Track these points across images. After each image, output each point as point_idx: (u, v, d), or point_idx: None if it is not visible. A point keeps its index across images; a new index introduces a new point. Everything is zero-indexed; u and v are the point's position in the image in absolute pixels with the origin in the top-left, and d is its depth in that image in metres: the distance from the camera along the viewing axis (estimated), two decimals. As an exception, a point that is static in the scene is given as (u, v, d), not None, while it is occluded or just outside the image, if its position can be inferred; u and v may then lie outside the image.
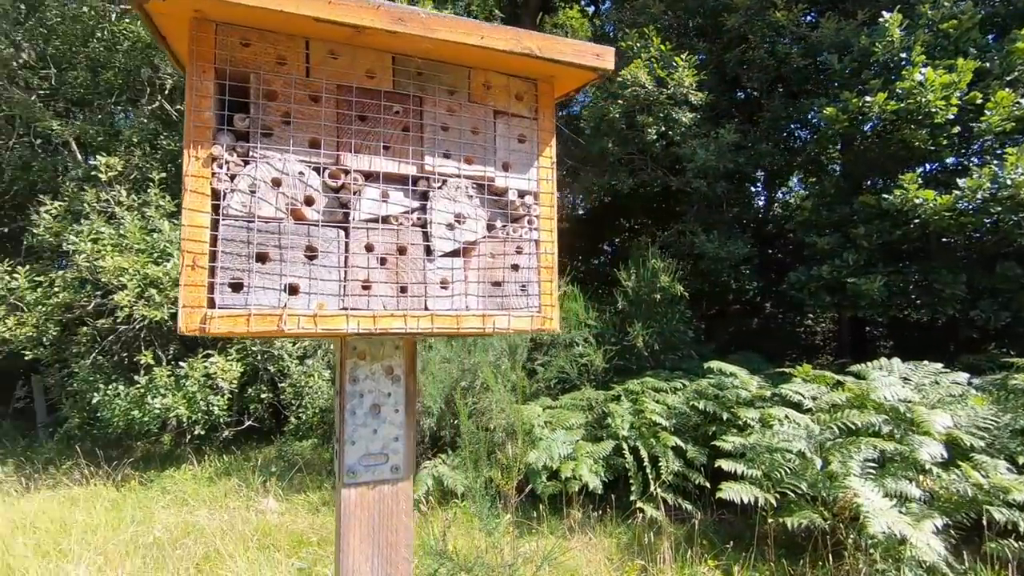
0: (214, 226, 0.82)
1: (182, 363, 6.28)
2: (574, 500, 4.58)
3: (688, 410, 4.91)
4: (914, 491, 3.44)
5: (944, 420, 3.68)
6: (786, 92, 7.71)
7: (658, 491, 4.41)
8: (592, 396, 5.52)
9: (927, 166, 6.70)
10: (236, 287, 0.82)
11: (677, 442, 4.57)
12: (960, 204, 5.31)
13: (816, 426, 4.08)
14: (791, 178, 9.70)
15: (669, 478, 4.47)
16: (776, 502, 3.76)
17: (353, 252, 0.91)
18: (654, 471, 4.52)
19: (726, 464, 4.03)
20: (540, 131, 1.07)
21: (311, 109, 0.89)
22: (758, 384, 4.88)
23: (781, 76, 7.48)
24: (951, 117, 5.48)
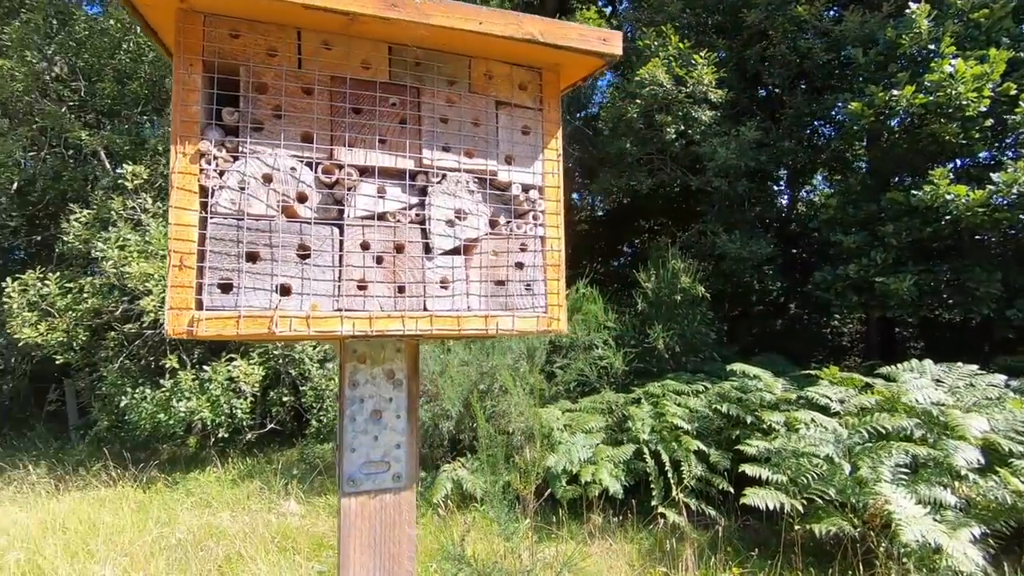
0: (203, 225, 0.78)
1: (206, 367, 6.39)
2: (594, 505, 4.51)
3: (711, 413, 4.82)
4: (949, 498, 3.31)
5: (980, 424, 3.55)
6: (809, 88, 7.55)
7: (680, 496, 4.32)
8: (612, 399, 5.45)
9: (958, 161, 6.49)
10: (225, 288, 0.79)
11: (699, 446, 4.48)
12: (994, 199, 5.14)
13: (844, 430, 3.96)
14: (815, 176, 9.51)
15: (691, 483, 4.38)
16: (803, 508, 3.66)
17: (348, 251, 0.87)
18: (676, 476, 4.44)
19: (750, 469, 3.93)
20: (545, 122, 1.01)
21: (303, 102, 0.86)
22: (783, 387, 4.76)
23: (803, 72, 7.33)
24: (983, 109, 5.31)
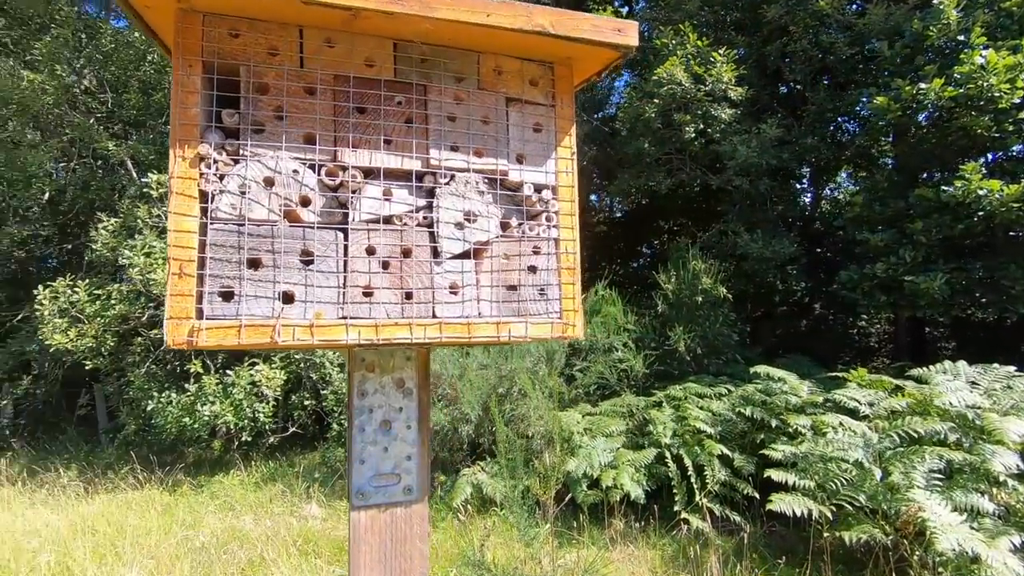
0: (203, 231, 0.76)
1: (229, 371, 6.48)
2: (616, 510, 4.45)
3: (734, 417, 4.72)
4: (987, 505, 3.18)
5: (1019, 428, 3.42)
6: (832, 83, 7.39)
7: (704, 501, 4.24)
8: (632, 402, 5.38)
9: (990, 155, 6.28)
10: (226, 296, 0.77)
11: (723, 450, 4.39)
12: (1030, 194, 4.96)
13: (874, 434, 3.84)
14: (839, 173, 9.31)
15: (715, 488, 4.30)
16: (832, 515, 3.55)
17: (353, 256, 0.84)
18: (699, 480, 4.35)
19: (776, 474, 3.84)
20: (558, 119, 0.97)
21: (306, 102, 0.83)
22: (809, 389, 4.65)
23: (826, 67, 7.18)
24: (1016, 101, 5.14)
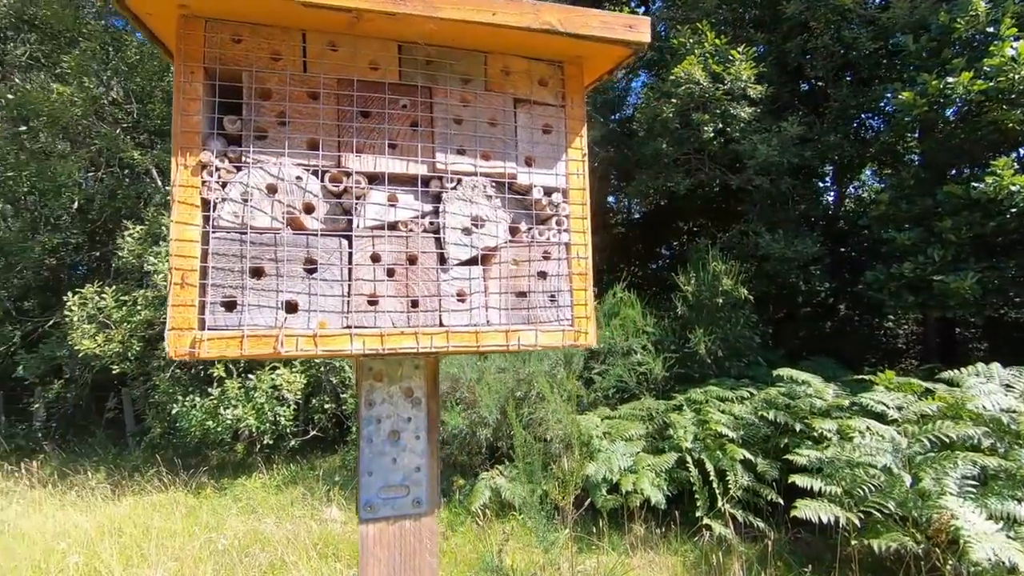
0: (205, 240, 0.75)
1: (251, 376, 6.57)
2: (636, 515, 4.39)
3: (757, 421, 4.63)
4: (1024, 513, 3.06)
5: (1057, 433, 3.28)
6: (855, 79, 7.23)
7: (726, 507, 4.16)
8: (652, 406, 5.31)
9: (1023, 150, 6.08)
10: (229, 306, 0.75)
11: (745, 455, 4.30)
12: (1065, 190, 4.78)
13: (903, 439, 3.72)
14: (864, 170, 9.10)
15: (738, 493, 4.21)
16: (859, 522, 3.45)
17: (357, 263, 0.82)
18: (721, 485, 4.27)
19: (801, 480, 3.75)
20: (568, 120, 0.94)
21: (309, 107, 0.82)
22: (834, 392, 4.54)
23: (848, 63, 7.02)
24: (1050, 94, 4.96)
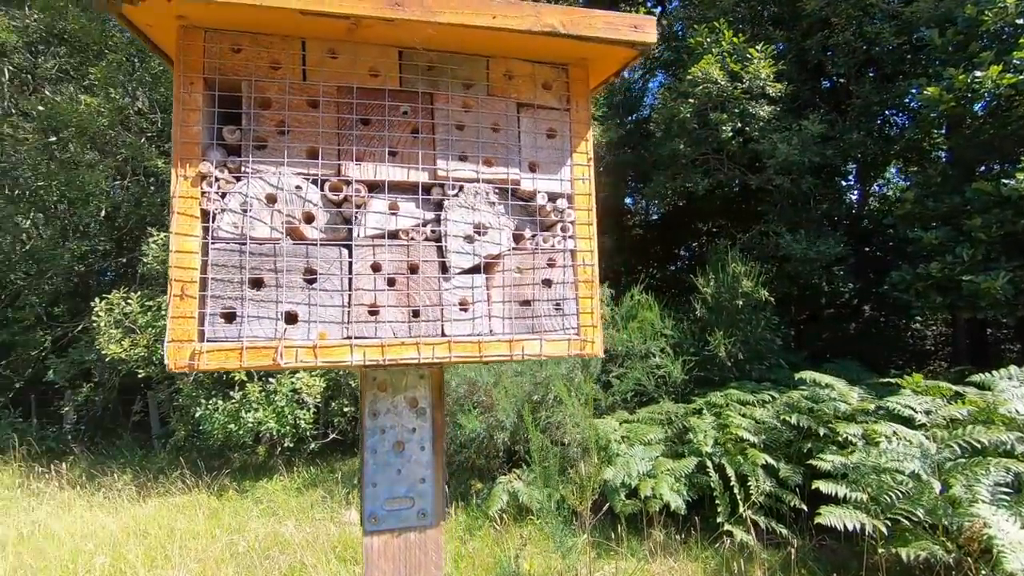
0: (204, 251, 0.74)
1: (272, 379, 6.66)
2: (655, 520, 4.33)
3: (779, 425, 4.54)
4: (1061, 522, 2.94)
5: (1096, 438, 3.15)
6: (878, 75, 7.08)
7: (748, 513, 4.08)
8: (671, 410, 5.24)
9: (1056, 145, 5.88)
10: (228, 317, 0.75)
11: (767, 460, 4.22)
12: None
13: (932, 444, 3.62)
14: (888, 168, 8.89)
15: (760, 499, 4.13)
16: (887, 529, 3.36)
17: (358, 273, 0.80)
18: (742, 491, 4.20)
19: (825, 485, 3.66)
20: (573, 123, 0.92)
21: (308, 116, 0.81)
22: (859, 396, 4.43)
23: (871, 59, 6.88)
24: (1085, 86, 4.80)
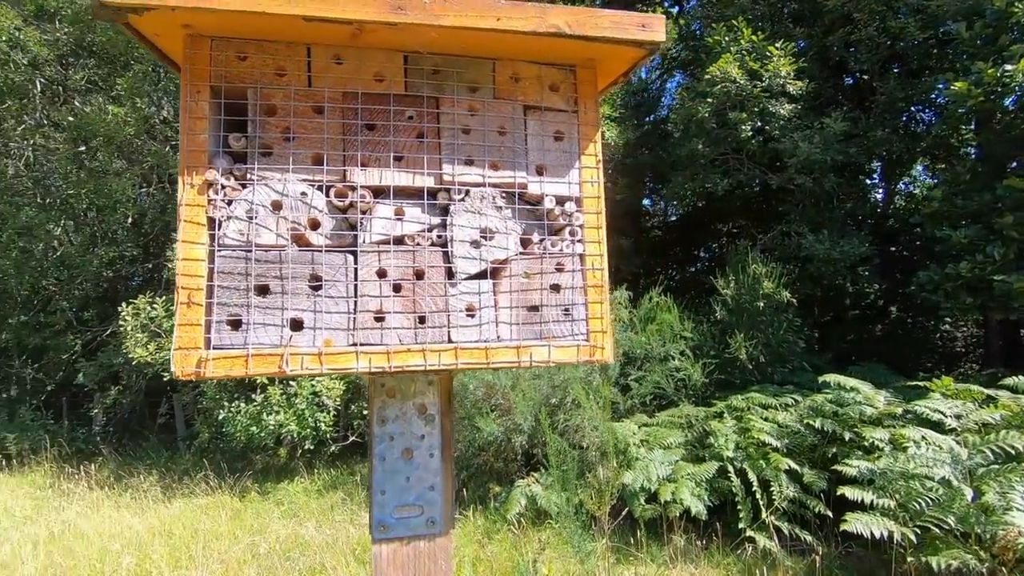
0: (211, 258, 0.75)
1: (292, 383, 6.74)
2: (675, 525, 4.28)
3: (802, 429, 4.45)
4: (1102, 531, 2.83)
5: None
6: (903, 71, 6.92)
7: (770, 519, 4.00)
8: (691, 413, 5.17)
9: (1092, 139, 5.67)
10: (234, 324, 0.75)
11: (791, 464, 4.14)
12: None
13: (963, 450, 3.51)
14: (914, 166, 8.68)
15: (783, 505, 4.05)
16: (916, 537, 3.26)
17: (363, 279, 0.80)
18: (765, 496, 4.11)
19: (851, 491, 3.57)
20: (581, 125, 0.90)
21: (314, 122, 0.81)
22: (886, 399, 4.31)
23: (895, 54, 6.73)
24: (1122, 78, 4.62)
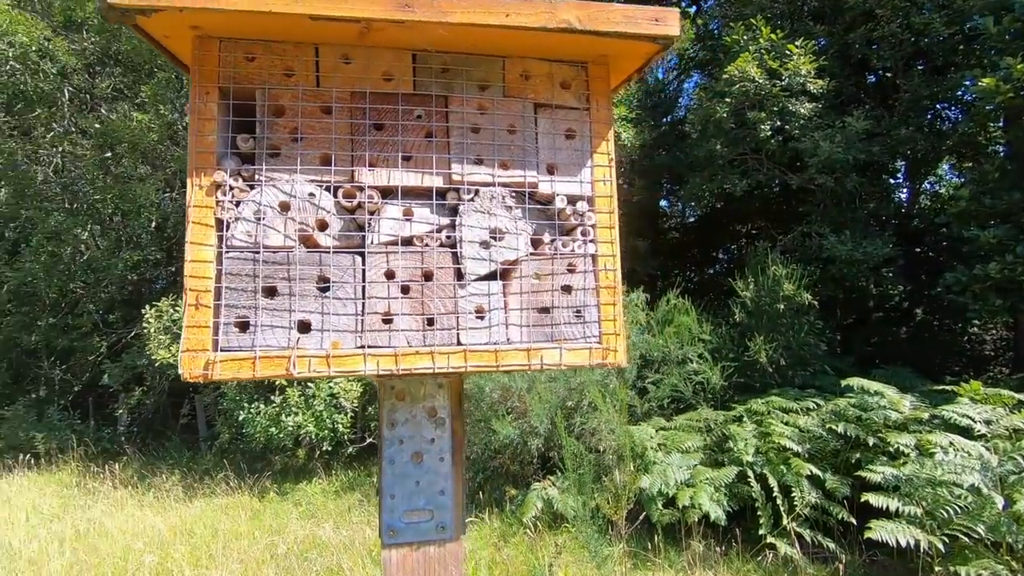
0: (218, 260, 0.75)
1: (310, 384, 6.81)
2: (694, 531, 4.22)
3: (824, 434, 4.35)
4: None
5: None
6: (927, 68, 6.77)
7: (792, 525, 3.92)
8: (710, 417, 5.11)
9: None
10: (242, 326, 0.75)
11: (812, 470, 4.05)
12: None
13: (993, 456, 3.40)
14: (940, 165, 8.48)
15: (805, 511, 3.97)
16: (944, 546, 3.17)
17: (371, 281, 0.79)
18: (786, 502, 4.04)
19: (875, 498, 3.48)
20: (593, 123, 0.88)
21: (322, 122, 0.80)
22: (911, 404, 4.21)
23: (920, 51, 6.58)
24: None
